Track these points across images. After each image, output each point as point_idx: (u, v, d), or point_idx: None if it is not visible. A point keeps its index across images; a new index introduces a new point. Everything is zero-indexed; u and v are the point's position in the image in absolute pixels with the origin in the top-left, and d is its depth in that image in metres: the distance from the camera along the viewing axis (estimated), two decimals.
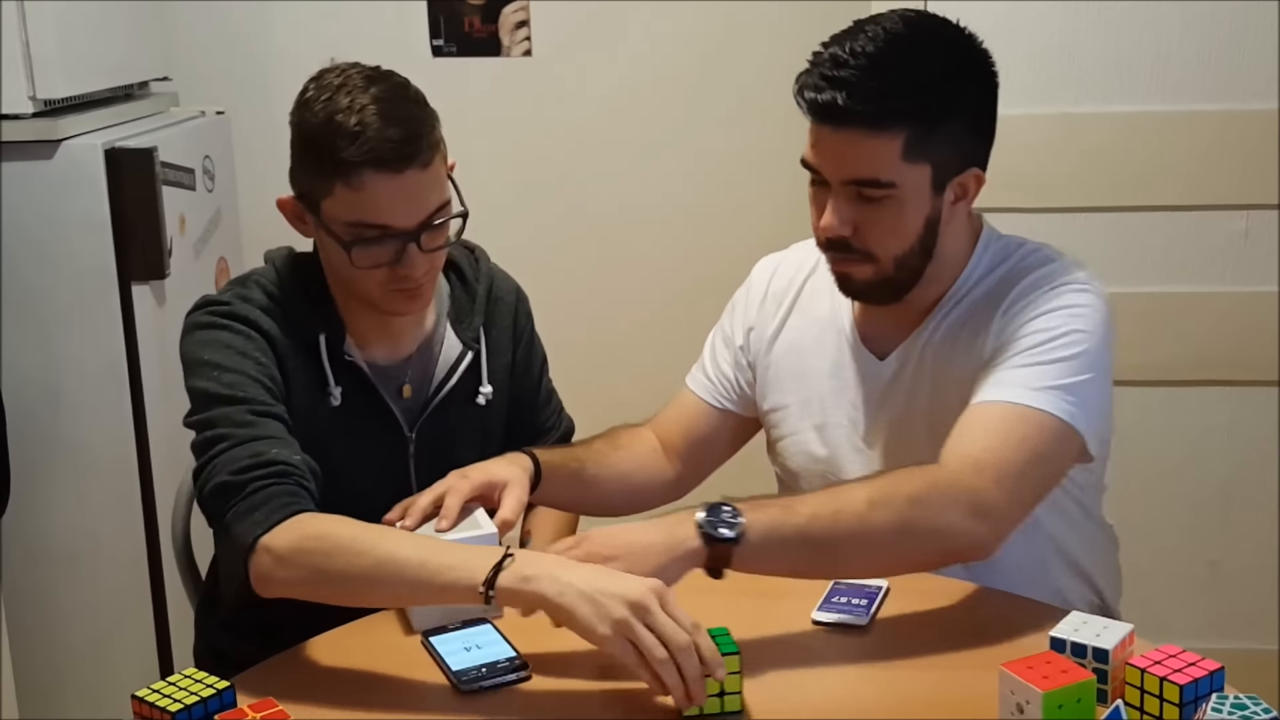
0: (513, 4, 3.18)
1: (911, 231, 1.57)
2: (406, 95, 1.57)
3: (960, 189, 1.59)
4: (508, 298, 1.83)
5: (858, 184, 1.54)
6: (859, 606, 1.51)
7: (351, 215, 1.53)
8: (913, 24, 1.56)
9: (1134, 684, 1.23)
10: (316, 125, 1.52)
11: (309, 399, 1.64)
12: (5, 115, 2.32)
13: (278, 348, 1.62)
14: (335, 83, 1.54)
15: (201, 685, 1.30)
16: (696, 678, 1.26)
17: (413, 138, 1.52)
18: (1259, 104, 2.53)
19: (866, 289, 1.63)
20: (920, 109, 1.51)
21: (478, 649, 1.40)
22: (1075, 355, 1.53)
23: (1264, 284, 2.60)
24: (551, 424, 1.90)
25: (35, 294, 2.37)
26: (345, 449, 1.66)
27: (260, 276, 1.68)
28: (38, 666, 2.45)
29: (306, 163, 1.55)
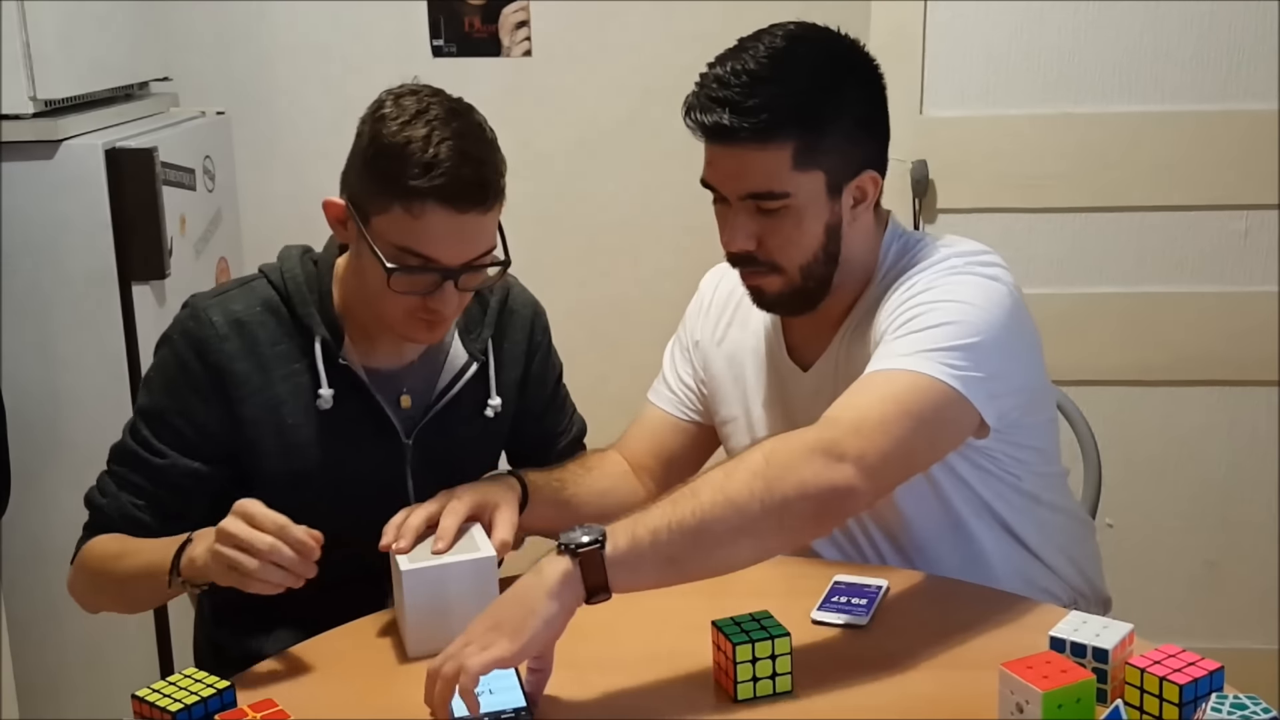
0: (513, 4, 3.18)
1: (812, 239, 1.59)
2: (484, 137, 1.56)
3: (859, 192, 1.60)
4: (523, 311, 1.82)
5: (754, 197, 1.56)
6: (859, 606, 1.51)
7: (401, 240, 1.51)
8: (793, 37, 1.58)
9: (1133, 684, 1.23)
10: (391, 145, 1.50)
11: (299, 400, 1.64)
12: (5, 115, 2.32)
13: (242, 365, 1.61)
14: (416, 108, 1.52)
15: (201, 685, 1.30)
16: (295, 562, 1.39)
17: (484, 183, 1.53)
18: (1259, 104, 2.53)
19: (778, 301, 1.64)
20: (804, 118, 1.53)
21: (489, 694, 1.34)
22: (951, 321, 1.50)
23: (1264, 284, 2.60)
24: (564, 427, 1.90)
25: (36, 294, 2.37)
26: (337, 453, 1.66)
27: (268, 273, 1.68)
28: (38, 666, 2.45)
29: (370, 175, 1.53)
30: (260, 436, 1.63)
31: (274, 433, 1.64)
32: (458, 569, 1.46)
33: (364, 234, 1.55)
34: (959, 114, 2.62)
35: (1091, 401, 2.17)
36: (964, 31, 2.59)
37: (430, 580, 1.46)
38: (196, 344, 1.63)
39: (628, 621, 1.53)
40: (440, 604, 1.45)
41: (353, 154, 1.56)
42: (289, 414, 1.64)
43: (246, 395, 1.62)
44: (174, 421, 1.64)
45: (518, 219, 3.37)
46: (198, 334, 1.63)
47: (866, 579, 1.57)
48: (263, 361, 1.63)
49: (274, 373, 1.63)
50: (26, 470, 2.36)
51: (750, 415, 1.77)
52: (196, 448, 1.64)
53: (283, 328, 1.64)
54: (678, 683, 1.39)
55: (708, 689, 1.38)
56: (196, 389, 1.63)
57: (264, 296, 1.66)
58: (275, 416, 1.63)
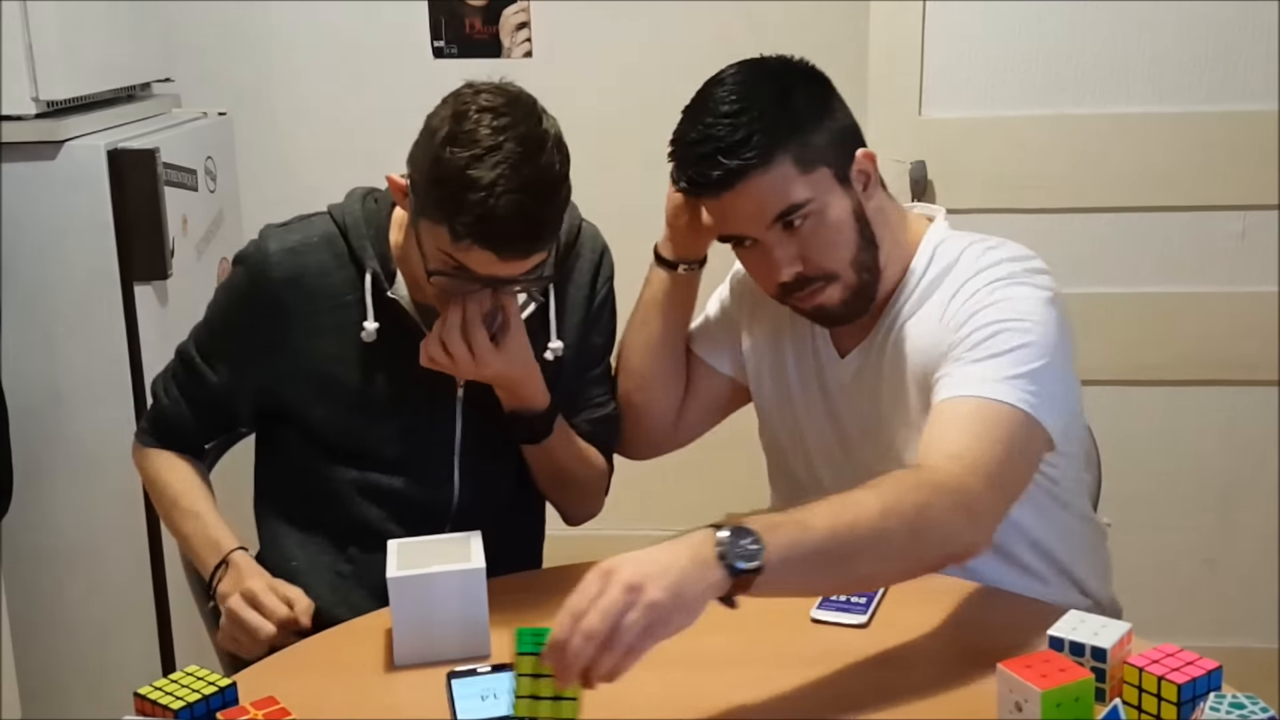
0: (513, 5, 3.19)
1: (848, 232, 1.61)
2: (553, 178, 1.51)
3: (863, 175, 1.64)
4: (591, 256, 1.78)
5: (780, 219, 1.58)
6: (858, 605, 1.51)
7: (446, 250, 1.51)
8: (721, 80, 1.62)
9: (1132, 683, 1.24)
10: (452, 172, 1.45)
11: (344, 333, 1.66)
12: (8, 116, 2.33)
13: (291, 294, 1.66)
14: (489, 141, 1.46)
15: (204, 683, 1.31)
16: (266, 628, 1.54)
17: (534, 238, 1.50)
18: (1258, 104, 2.53)
19: (845, 310, 1.65)
20: (788, 127, 1.57)
21: (493, 698, 1.35)
22: (1025, 344, 1.54)
23: (1263, 284, 2.61)
24: (600, 400, 1.82)
25: (38, 294, 2.38)
26: (381, 388, 1.67)
27: (331, 209, 1.70)
28: (40, 664, 2.45)
29: (429, 186, 1.49)
30: (300, 364, 1.66)
31: (315, 360, 1.66)
32: (445, 578, 1.45)
33: (415, 221, 1.55)
34: (958, 115, 2.63)
35: (1091, 401, 2.16)
36: (963, 32, 2.59)
37: (416, 588, 1.45)
38: (252, 268, 1.68)
39: None
40: (426, 612, 1.45)
41: (423, 145, 1.51)
42: (329, 344, 1.66)
43: (289, 324, 1.66)
44: (227, 341, 1.72)
45: None
46: (254, 259, 1.68)
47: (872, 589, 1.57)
48: (310, 291, 1.65)
49: (321, 303, 1.66)
50: (29, 470, 2.36)
51: (787, 390, 1.78)
52: (243, 371, 1.71)
53: (336, 260, 1.66)
54: (678, 683, 1.40)
55: (708, 689, 1.39)
56: (248, 311, 1.68)
57: (323, 230, 1.68)
58: (315, 345, 1.66)
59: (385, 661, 1.47)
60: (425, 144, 1.51)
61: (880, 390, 1.68)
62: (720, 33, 3.15)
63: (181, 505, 1.74)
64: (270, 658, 1.51)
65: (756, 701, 1.36)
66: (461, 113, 1.48)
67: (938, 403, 1.54)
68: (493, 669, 1.40)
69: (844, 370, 1.72)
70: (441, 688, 1.38)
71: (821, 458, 1.78)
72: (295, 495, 1.75)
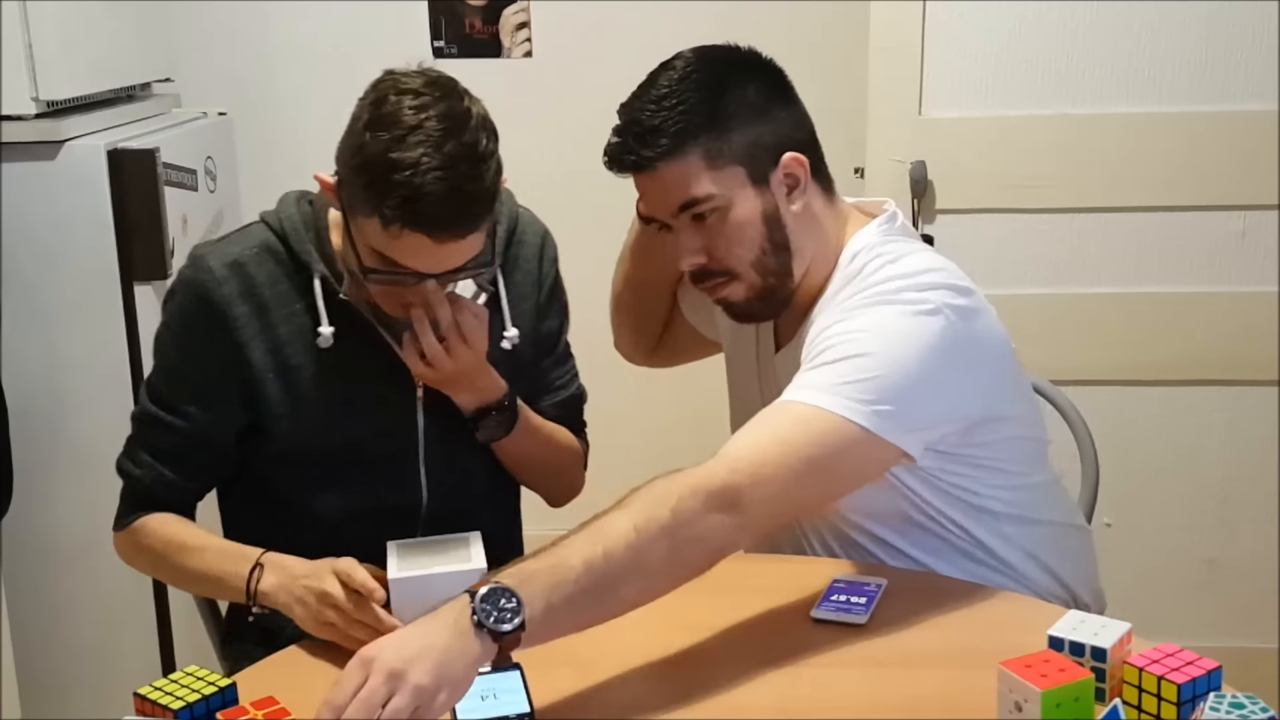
0: (513, 5, 3.19)
1: (753, 233, 1.61)
2: (478, 155, 1.48)
3: (789, 179, 1.62)
4: (533, 240, 1.79)
5: (685, 209, 1.59)
6: (858, 605, 1.51)
7: (379, 247, 1.49)
8: (669, 65, 1.63)
9: (1132, 683, 1.24)
10: (378, 163, 1.44)
11: (301, 340, 1.63)
12: (8, 116, 2.33)
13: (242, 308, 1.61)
14: (411, 120, 1.44)
15: (203, 683, 1.31)
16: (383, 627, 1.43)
17: (468, 216, 1.48)
18: (1258, 104, 2.53)
19: (750, 308, 1.66)
20: (700, 120, 1.57)
21: (493, 698, 1.34)
22: (862, 354, 1.49)
23: (1263, 284, 2.61)
24: (565, 381, 1.84)
25: (38, 294, 2.38)
26: (344, 392, 1.64)
27: (266, 218, 1.67)
28: (40, 664, 2.45)
29: (354, 177, 1.48)
30: (265, 378, 1.63)
31: (278, 374, 1.63)
32: (444, 579, 1.44)
33: (348, 221, 1.53)
34: (958, 115, 2.63)
35: (1091, 401, 2.17)
36: (963, 32, 2.59)
37: (416, 588, 1.44)
38: (197, 290, 1.62)
39: (627, 621, 1.54)
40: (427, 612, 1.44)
41: (346, 139, 1.50)
42: (292, 355, 1.63)
43: (249, 338, 1.62)
44: (187, 374, 1.65)
45: None
46: (197, 280, 1.63)
47: (865, 578, 1.57)
48: (262, 303, 1.62)
49: (274, 313, 1.62)
50: (29, 469, 2.36)
51: (743, 371, 1.83)
52: (211, 399, 1.64)
53: (281, 268, 1.63)
54: (677, 683, 1.40)
55: (708, 689, 1.39)
56: (202, 335, 1.63)
57: (261, 239, 1.64)
58: (279, 358, 1.63)
59: None
60: (349, 136, 1.50)
61: None
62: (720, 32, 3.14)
63: (189, 545, 1.64)
64: (270, 658, 1.51)
65: (756, 701, 1.36)
66: (381, 98, 1.48)
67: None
68: (492, 669, 1.39)
69: (777, 363, 1.73)
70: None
71: None
72: (264, 515, 1.71)
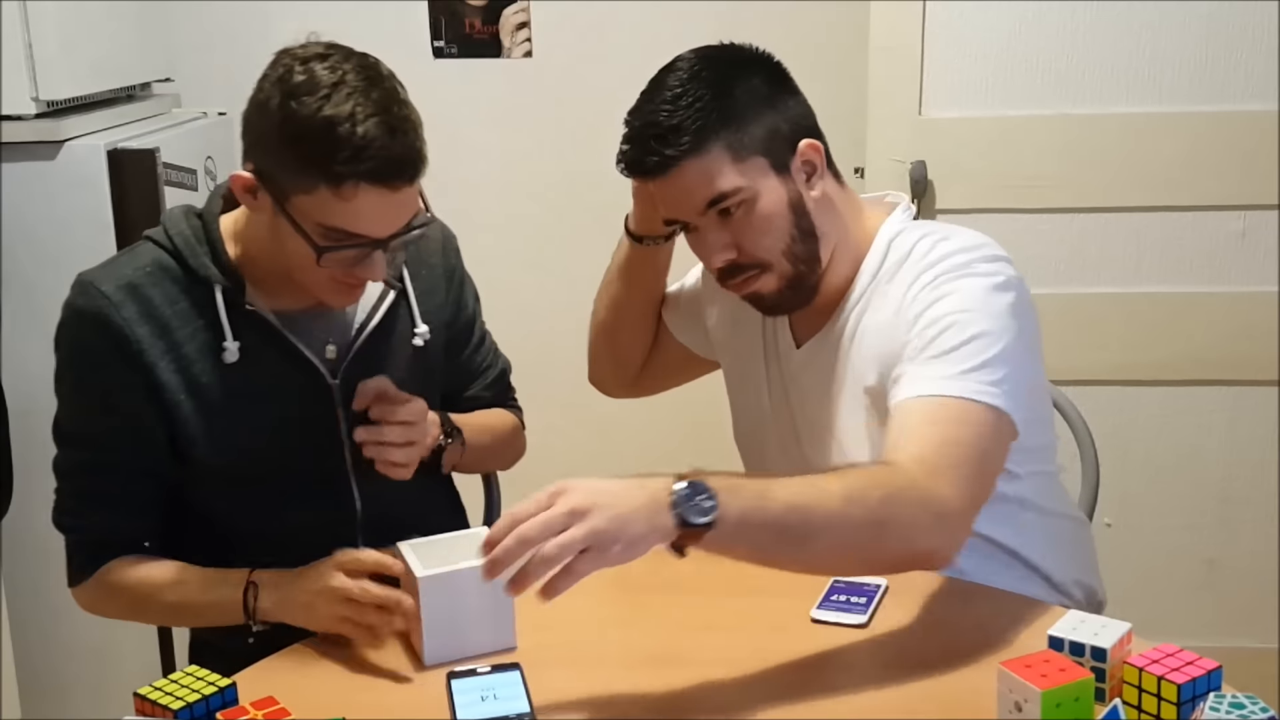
0: (513, 5, 3.18)
1: (782, 221, 1.61)
2: (403, 101, 1.48)
3: (807, 165, 1.63)
4: (433, 233, 1.74)
5: (713, 205, 1.59)
6: (858, 605, 1.51)
7: (330, 220, 1.45)
8: (674, 67, 1.64)
9: (1132, 683, 1.24)
10: (313, 125, 1.42)
11: (208, 357, 1.58)
12: (8, 116, 2.33)
13: (143, 329, 1.56)
14: (330, 78, 1.44)
15: (203, 683, 1.31)
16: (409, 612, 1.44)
17: (414, 155, 1.46)
18: (1258, 104, 2.53)
19: (781, 299, 1.66)
20: (719, 116, 1.58)
21: (494, 699, 1.34)
22: (977, 335, 1.52)
23: (1263, 284, 2.61)
24: (489, 362, 1.87)
25: (38, 294, 2.38)
26: (258, 403, 1.60)
27: (153, 235, 1.62)
28: (40, 664, 2.45)
29: (288, 154, 1.45)
30: (176, 399, 1.57)
31: (188, 393, 1.58)
32: (473, 573, 1.40)
33: (284, 212, 1.48)
34: (958, 115, 2.63)
35: (1091, 401, 2.17)
36: (963, 32, 2.59)
37: (446, 586, 1.43)
38: (91, 319, 1.56)
39: (627, 621, 1.54)
40: (456, 609, 1.43)
41: (261, 126, 1.47)
42: (200, 373, 1.58)
43: (155, 359, 1.56)
44: (102, 408, 1.58)
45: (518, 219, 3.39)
46: (90, 308, 1.56)
47: (865, 578, 1.57)
48: (163, 322, 1.57)
49: (177, 332, 1.57)
50: (29, 471, 2.36)
51: (743, 374, 1.81)
52: (134, 428, 1.58)
53: (178, 285, 1.58)
54: (677, 683, 1.40)
55: (709, 689, 1.39)
56: (107, 365, 1.56)
57: (153, 257, 1.59)
58: (187, 376, 1.58)
59: (384, 662, 1.47)
60: (262, 122, 1.47)
61: (831, 385, 1.68)
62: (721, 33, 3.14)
63: (165, 581, 1.60)
64: (269, 658, 1.50)
65: (757, 702, 1.36)
66: (287, 73, 1.46)
67: (896, 404, 1.53)
68: (492, 669, 1.40)
69: (797, 361, 1.73)
70: (441, 688, 1.38)
71: (778, 448, 1.78)
72: (200, 538, 1.67)
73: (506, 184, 3.25)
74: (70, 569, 1.65)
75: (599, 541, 1.25)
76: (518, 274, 3.14)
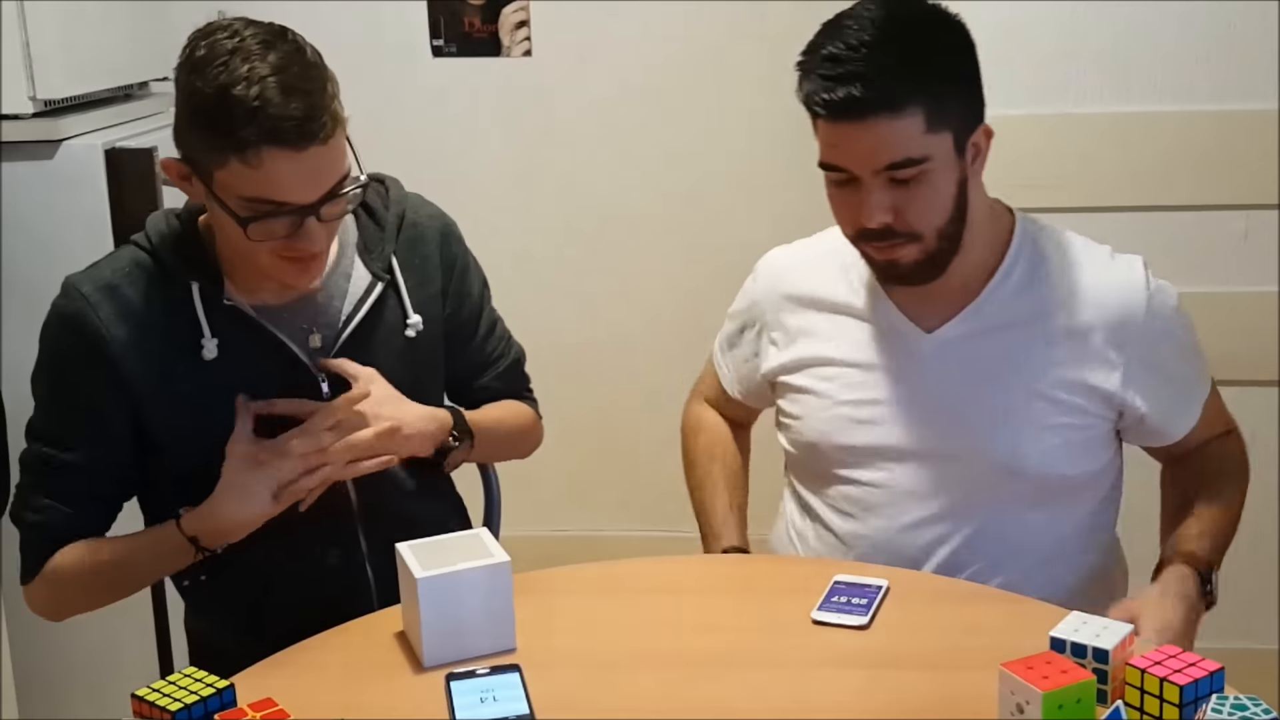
0: (513, 4, 3.18)
1: (948, 200, 1.60)
2: (306, 61, 1.46)
3: (975, 148, 1.63)
4: (430, 224, 1.73)
5: (892, 168, 1.55)
6: (859, 606, 1.51)
7: (248, 191, 1.44)
8: (889, 6, 1.58)
9: (1134, 684, 1.23)
10: (210, 95, 1.41)
11: (188, 355, 1.57)
12: (5, 115, 2.33)
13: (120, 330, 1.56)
14: (229, 46, 1.42)
15: (201, 684, 1.30)
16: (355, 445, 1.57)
17: (316, 113, 1.43)
18: (1259, 104, 2.53)
19: (914, 270, 1.63)
20: (931, 81, 1.54)
21: (493, 701, 1.34)
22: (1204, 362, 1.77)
23: (1264, 284, 2.60)
24: (500, 352, 1.84)
25: (36, 294, 2.36)
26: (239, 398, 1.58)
27: (134, 239, 1.63)
28: (38, 665, 2.45)
29: (197, 131, 1.44)
30: (154, 398, 1.57)
31: (167, 392, 1.57)
32: (472, 575, 1.44)
33: (210, 191, 1.48)
34: None
35: None
36: None
37: (445, 587, 1.43)
38: (71, 320, 1.57)
39: (627, 622, 1.54)
40: (455, 611, 1.43)
41: (177, 109, 1.48)
42: (181, 373, 1.57)
43: (131, 360, 1.56)
44: (73, 405, 1.59)
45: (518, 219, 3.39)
46: (70, 310, 1.58)
47: (866, 579, 1.56)
48: (140, 322, 1.57)
49: (155, 331, 1.57)
50: None
51: (835, 381, 1.73)
52: (102, 429, 1.59)
53: (155, 285, 1.58)
54: (677, 683, 1.39)
55: (708, 690, 1.38)
56: (82, 365, 1.57)
57: (131, 258, 1.60)
58: (166, 376, 1.57)
59: (383, 663, 1.46)
60: (178, 105, 1.48)
61: (979, 368, 1.67)
62: (721, 33, 3.15)
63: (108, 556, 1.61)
64: (268, 659, 1.50)
65: (756, 702, 1.36)
66: (193, 51, 1.46)
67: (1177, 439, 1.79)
68: (491, 671, 1.39)
69: (931, 346, 1.69)
70: (440, 689, 1.37)
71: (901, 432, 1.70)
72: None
73: (506, 183, 3.25)
74: (23, 565, 1.64)
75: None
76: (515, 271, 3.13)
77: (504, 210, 3.23)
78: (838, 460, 1.73)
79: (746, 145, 3.19)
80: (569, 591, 1.60)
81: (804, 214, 1.94)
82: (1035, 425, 1.65)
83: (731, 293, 1.90)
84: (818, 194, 1.66)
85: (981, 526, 1.68)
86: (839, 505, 1.74)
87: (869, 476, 1.71)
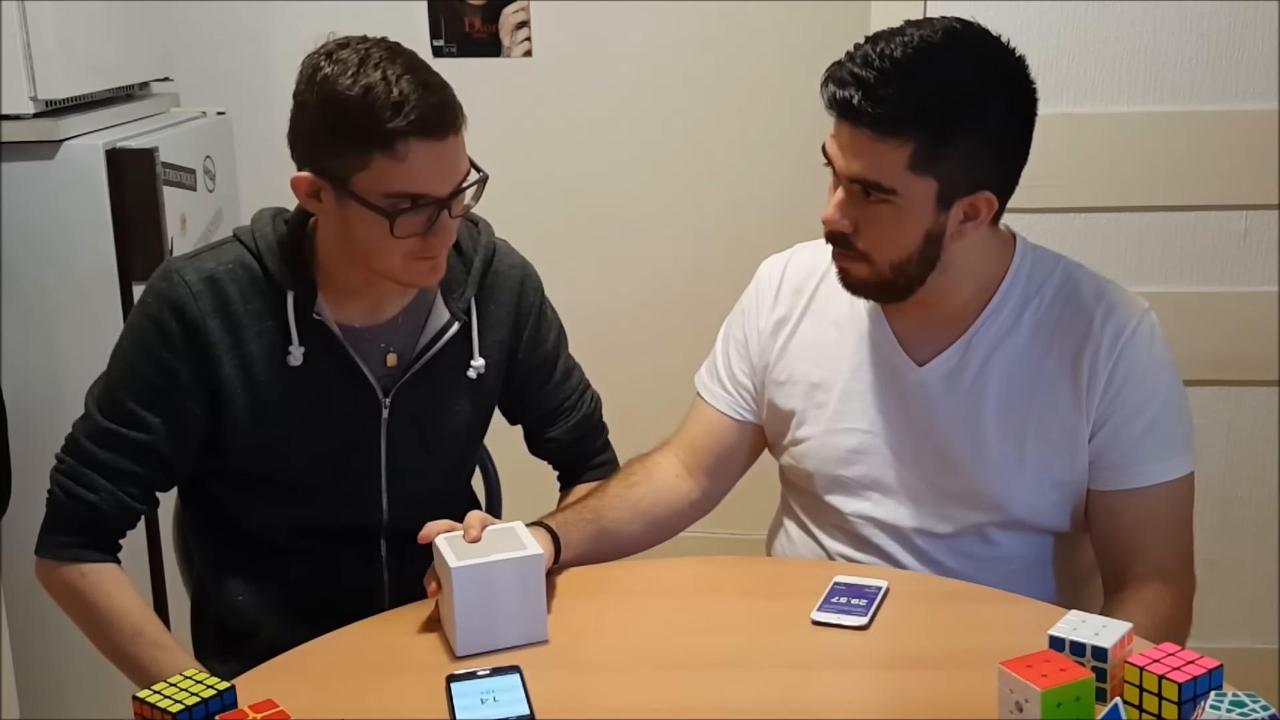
0: (513, 5, 3.19)
1: (909, 241, 1.56)
2: (427, 64, 1.58)
3: (970, 209, 1.57)
4: (511, 272, 1.78)
5: (860, 183, 1.53)
6: (858, 606, 1.51)
7: (392, 186, 1.51)
8: (952, 34, 1.54)
9: (1133, 682, 1.23)
10: (353, 99, 1.50)
11: (271, 358, 1.63)
12: (6, 116, 2.33)
13: (215, 322, 1.61)
14: (357, 58, 1.53)
15: (202, 686, 1.30)
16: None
17: (450, 104, 1.54)
18: (1259, 104, 2.53)
19: (863, 287, 1.63)
20: (931, 122, 1.49)
21: (494, 701, 1.35)
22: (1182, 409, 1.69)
23: (1263, 284, 2.60)
24: (572, 403, 1.86)
25: (37, 294, 2.38)
26: (309, 410, 1.65)
27: (240, 235, 1.67)
28: (39, 666, 2.45)
29: (336, 138, 1.52)
30: (233, 394, 1.62)
31: (246, 390, 1.63)
32: (505, 566, 1.46)
33: (349, 196, 1.53)
34: None
35: None
36: None
37: (478, 577, 1.45)
38: (171, 303, 1.61)
39: (627, 623, 1.54)
40: (488, 601, 1.45)
41: (306, 126, 1.55)
42: (260, 371, 1.63)
43: (220, 353, 1.61)
44: (154, 383, 1.62)
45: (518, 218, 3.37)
46: (171, 294, 1.62)
47: (866, 580, 1.57)
48: (234, 318, 1.62)
49: (246, 330, 1.62)
50: (29, 469, 2.35)
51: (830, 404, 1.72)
52: (180, 412, 1.62)
53: (255, 285, 1.63)
54: (677, 684, 1.40)
55: (708, 690, 1.39)
56: (173, 347, 1.61)
57: (236, 255, 1.64)
58: (247, 374, 1.63)
59: (384, 665, 1.47)
60: (306, 121, 1.55)
61: (962, 398, 1.65)
62: (721, 33, 3.15)
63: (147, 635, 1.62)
64: (269, 662, 1.50)
65: (756, 703, 1.36)
66: (314, 70, 1.54)
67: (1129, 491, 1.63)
68: (492, 672, 1.40)
69: (920, 378, 1.67)
70: (441, 690, 1.38)
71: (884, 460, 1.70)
72: (229, 535, 1.73)
73: (505, 183, 3.24)
74: (45, 534, 1.66)
75: None
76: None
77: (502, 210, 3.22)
78: (825, 488, 1.73)
79: (746, 144, 3.19)
80: (569, 592, 1.60)
81: (805, 215, 1.94)
82: (1019, 465, 1.64)
83: (733, 294, 1.90)
84: (818, 195, 1.66)
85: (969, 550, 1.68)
86: (826, 529, 1.74)
87: (855, 507, 1.70)
